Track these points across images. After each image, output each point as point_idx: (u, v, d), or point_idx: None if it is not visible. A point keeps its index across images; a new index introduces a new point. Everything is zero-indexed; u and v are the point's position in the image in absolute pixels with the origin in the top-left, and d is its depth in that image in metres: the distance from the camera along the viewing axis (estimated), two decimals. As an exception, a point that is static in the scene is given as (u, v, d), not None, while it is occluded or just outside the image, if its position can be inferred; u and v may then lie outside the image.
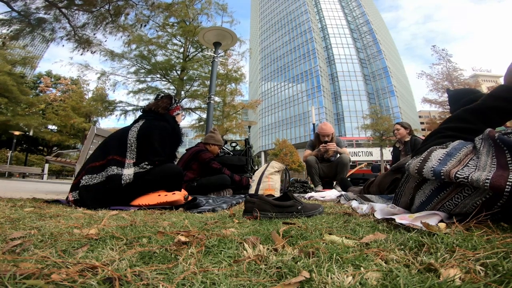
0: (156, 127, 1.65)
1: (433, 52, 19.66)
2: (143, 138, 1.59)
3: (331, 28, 58.28)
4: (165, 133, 1.67)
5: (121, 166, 1.51)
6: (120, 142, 1.58)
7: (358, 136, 40.37)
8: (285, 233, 0.66)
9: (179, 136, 1.80)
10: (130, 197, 1.50)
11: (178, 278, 0.36)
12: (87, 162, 1.58)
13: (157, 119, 1.72)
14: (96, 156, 1.58)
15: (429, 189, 0.84)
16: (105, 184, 1.46)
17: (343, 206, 1.55)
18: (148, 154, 1.57)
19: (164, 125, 1.69)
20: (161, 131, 1.65)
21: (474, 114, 0.96)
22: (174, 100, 1.87)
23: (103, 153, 1.57)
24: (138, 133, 1.59)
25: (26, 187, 4.18)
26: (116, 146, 1.56)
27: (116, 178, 1.47)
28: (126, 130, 1.64)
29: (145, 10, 7.22)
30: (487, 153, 0.74)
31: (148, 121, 1.68)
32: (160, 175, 1.63)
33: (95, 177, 1.48)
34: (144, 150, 1.57)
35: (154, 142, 1.59)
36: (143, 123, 1.65)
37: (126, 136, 1.59)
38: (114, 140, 1.61)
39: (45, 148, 24.84)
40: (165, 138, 1.67)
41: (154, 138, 1.60)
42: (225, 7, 10.39)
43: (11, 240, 0.55)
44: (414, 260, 0.43)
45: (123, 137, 1.60)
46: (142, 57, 9.81)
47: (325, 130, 3.51)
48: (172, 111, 1.84)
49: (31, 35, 6.41)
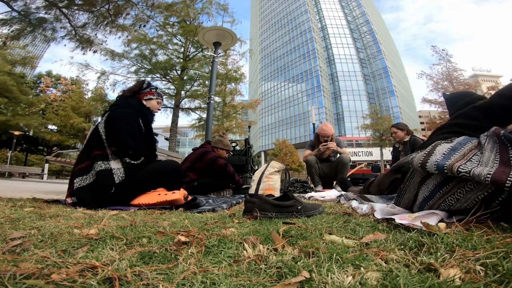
0: (118, 116, 1.60)
1: (433, 52, 19.68)
2: (109, 131, 1.56)
3: (331, 28, 58.26)
4: (128, 120, 1.60)
5: (106, 160, 1.52)
6: (97, 136, 1.57)
7: (358, 136, 40.36)
8: (285, 233, 0.66)
9: (148, 120, 1.72)
10: (129, 196, 1.50)
11: (178, 278, 0.36)
12: (75, 166, 1.57)
13: (121, 105, 1.66)
14: (81, 158, 1.57)
15: (432, 183, 0.84)
16: (97, 182, 1.46)
17: (343, 206, 1.55)
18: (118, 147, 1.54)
19: (126, 111, 1.62)
20: (124, 118, 1.59)
21: (481, 111, 0.96)
22: (148, 85, 1.81)
23: (87, 152, 1.57)
24: (104, 125, 1.58)
25: (26, 187, 4.18)
26: (95, 142, 1.56)
27: (106, 174, 1.47)
28: (96, 125, 1.63)
29: (145, 10, 7.22)
30: (491, 149, 0.75)
31: (111, 112, 1.63)
32: (159, 172, 1.63)
33: (86, 178, 1.48)
34: (114, 139, 1.55)
35: (120, 133, 1.55)
36: (108, 115, 1.62)
37: (98, 130, 1.58)
38: (93, 136, 1.60)
39: (45, 148, 24.84)
40: (130, 125, 1.60)
41: (118, 128, 1.56)
42: (226, 7, 10.39)
43: (11, 240, 0.55)
44: (414, 260, 0.43)
45: (97, 130, 1.59)
46: (142, 57, 9.81)
47: (325, 131, 3.51)
48: (143, 95, 1.77)
49: (32, 34, 6.41)
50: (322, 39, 57.70)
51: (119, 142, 1.54)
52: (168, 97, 10.57)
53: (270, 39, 64.58)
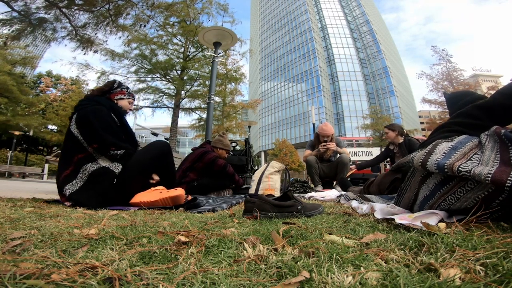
0: (88, 113, 1.57)
1: (433, 52, 19.64)
2: (83, 129, 1.54)
3: (331, 28, 58.28)
4: (100, 115, 1.58)
5: (93, 160, 1.51)
6: (72, 138, 1.55)
7: (358, 136, 40.33)
8: (285, 233, 0.66)
9: (119, 112, 1.71)
10: (130, 193, 1.50)
11: (178, 278, 0.36)
12: (59, 174, 1.54)
13: (86, 105, 1.63)
14: (63, 164, 1.54)
15: (432, 183, 0.84)
16: (97, 179, 1.46)
17: (343, 206, 1.55)
18: (99, 144, 1.54)
19: (95, 108, 1.60)
20: (96, 114, 1.57)
21: (482, 110, 0.95)
22: (119, 85, 1.80)
23: (66, 158, 1.55)
24: (77, 125, 1.55)
25: (26, 187, 4.18)
26: (72, 144, 1.54)
27: (103, 171, 1.48)
28: (69, 127, 1.60)
29: (145, 10, 7.22)
30: (491, 149, 0.75)
31: (79, 111, 1.60)
32: (148, 150, 1.66)
33: (76, 182, 1.47)
34: (91, 136, 1.54)
35: (98, 131, 1.53)
36: (76, 116, 1.59)
37: (72, 132, 1.56)
38: (67, 139, 1.58)
39: (45, 148, 24.84)
40: (104, 120, 1.58)
41: (94, 125, 1.54)
42: (226, 7, 10.38)
43: (11, 240, 0.55)
44: (414, 260, 0.43)
45: (70, 132, 1.57)
46: (142, 57, 9.81)
47: (325, 131, 3.51)
48: (114, 95, 1.76)
49: (33, 35, 6.40)
50: (322, 39, 57.71)
51: (98, 140, 1.53)
52: (168, 97, 10.57)
53: (270, 39, 64.59)
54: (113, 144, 1.55)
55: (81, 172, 1.49)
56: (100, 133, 1.53)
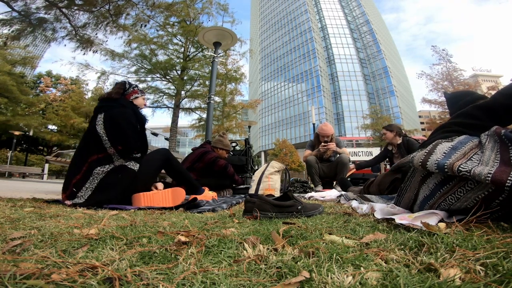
0: (118, 114, 1.60)
1: (433, 52, 19.63)
2: (111, 130, 1.56)
3: (331, 28, 58.28)
4: (127, 117, 1.63)
5: (106, 162, 1.53)
6: (94, 139, 1.56)
7: (358, 136, 40.33)
8: (285, 233, 0.66)
9: (142, 118, 1.75)
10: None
11: (178, 278, 0.36)
12: (72, 174, 1.54)
13: (113, 107, 1.66)
14: (76, 164, 1.55)
15: (432, 183, 0.84)
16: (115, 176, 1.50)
17: (343, 206, 1.55)
18: (125, 146, 1.57)
19: (122, 110, 1.65)
20: (123, 115, 1.62)
21: (482, 110, 0.95)
22: (129, 85, 1.83)
23: (81, 157, 1.55)
24: (104, 125, 1.57)
25: (26, 187, 4.18)
26: (93, 143, 1.55)
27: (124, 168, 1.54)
28: (93, 126, 1.61)
29: (145, 10, 7.22)
30: (491, 149, 0.75)
31: (107, 111, 1.62)
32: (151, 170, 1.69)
33: (88, 186, 1.49)
34: (119, 137, 1.56)
35: (127, 133, 1.58)
36: (104, 115, 1.60)
37: (96, 131, 1.56)
38: (87, 141, 1.59)
39: (45, 148, 24.83)
40: (132, 123, 1.64)
41: (125, 128, 1.58)
42: (226, 7, 10.39)
43: (11, 240, 0.55)
44: (414, 260, 0.43)
45: (94, 131, 1.57)
46: (142, 57, 9.81)
47: (325, 131, 3.51)
48: (129, 95, 1.79)
49: (32, 35, 6.40)
50: (322, 39, 57.71)
51: (125, 142, 1.56)
52: (168, 97, 10.57)
53: (270, 39, 64.59)
54: (137, 148, 1.62)
55: (93, 175, 1.50)
56: (129, 136, 1.58)
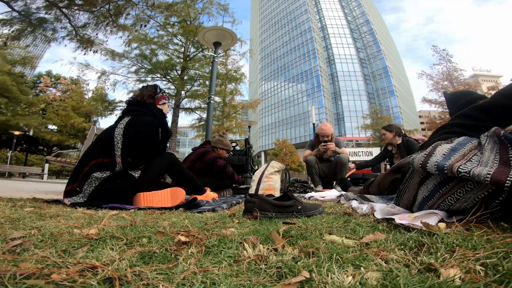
0: (143, 124, 1.57)
1: (433, 52, 19.62)
2: (131, 138, 1.52)
3: (331, 28, 58.30)
4: (152, 130, 1.59)
5: (108, 169, 1.47)
6: (107, 141, 1.52)
7: (358, 136, 40.33)
8: (285, 233, 0.66)
9: (168, 130, 1.72)
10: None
11: (178, 278, 0.36)
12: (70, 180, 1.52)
13: (143, 113, 1.64)
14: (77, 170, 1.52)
15: (432, 184, 0.84)
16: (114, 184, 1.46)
17: (343, 206, 1.55)
18: (135, 159, 1.53)
19: (150, 120, 1.61)
20: (149, 127, 1.58)
21: (482, 111, 0.95)
22: (160, 90, 1.81)
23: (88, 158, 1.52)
24: (124, 131, 1.53)
25: (26, 187, 4.18)
26: (105, 146, 1.51)
27: (126, 174, 1.50)
28: (112, 128, 1.57)
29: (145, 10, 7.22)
30: (491, 150, 0.75)
31: (134, 117, 1.59)
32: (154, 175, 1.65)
33: (86, 188, 1.45)
34: (135, 150, 1.53)
35: (144, 145, 1.54)
36: (129, 120, 1.57)
37: (113, 134, 1.52)
38: (101, 139, 1.56)
39: (45, 148, 24.82)
40: (153, 135, 1.59)
41: (143, 139, 1.54)
42: (226, 7, 10.40)
43: (11, 240, 0.55)
44: (414, 260, 0.43)
45: (110, 135, 1.53)
46: (142, 57, 9.81)
47: (325, 131, 3.51)
48: (158, 100, 1.76)
49: (33, 35, 6.41)
50: (322, 39, 57.72)
51: (139, 157, 1.54)
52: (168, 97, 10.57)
53: (270, 39, 64.60)
54: (144, 163, 1.59)
55: (92, 178, 1.46)
56: (145, 151, 1.56)
